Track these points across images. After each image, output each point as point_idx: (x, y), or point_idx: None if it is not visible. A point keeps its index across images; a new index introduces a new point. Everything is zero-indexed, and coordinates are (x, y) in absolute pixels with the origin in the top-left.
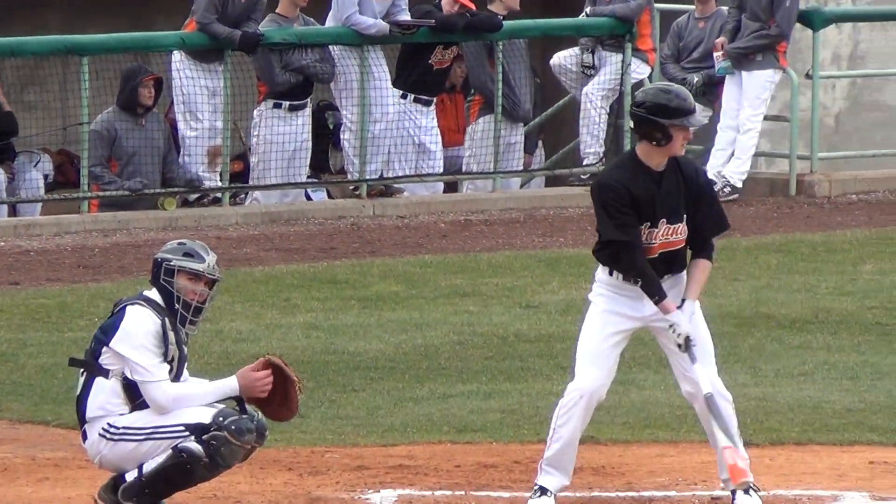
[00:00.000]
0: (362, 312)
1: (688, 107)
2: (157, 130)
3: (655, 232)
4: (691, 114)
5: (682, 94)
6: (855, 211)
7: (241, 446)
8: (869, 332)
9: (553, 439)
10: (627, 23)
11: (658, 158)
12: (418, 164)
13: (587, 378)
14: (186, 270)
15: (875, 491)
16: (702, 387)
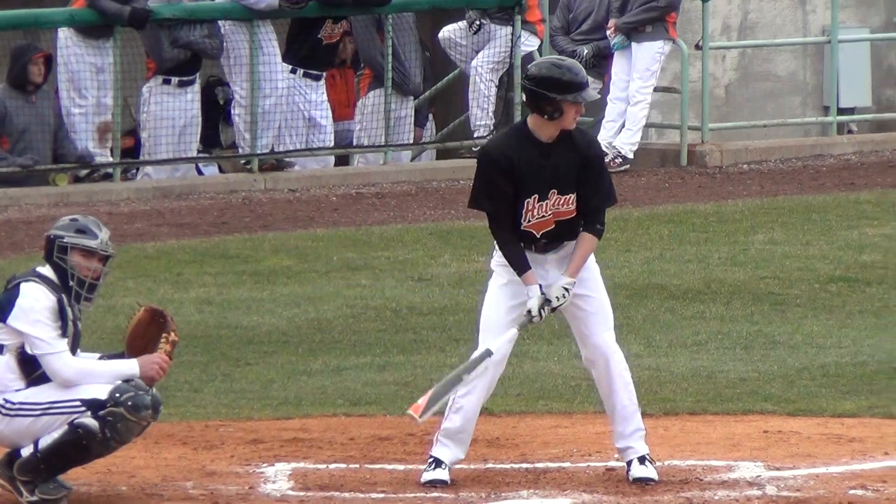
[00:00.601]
0: (255, 287)
1: (580, 81)
2: (47, 107)
3: (547, 203)
4: (583, 89)
5: (575, 69)
6: (746, 181)
7: (137, 422)
8: (761, 301)
9: (452, 409)
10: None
11: (549, 131)
12: (309, 139)
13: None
14: (80, 247)
15: (769, 460)
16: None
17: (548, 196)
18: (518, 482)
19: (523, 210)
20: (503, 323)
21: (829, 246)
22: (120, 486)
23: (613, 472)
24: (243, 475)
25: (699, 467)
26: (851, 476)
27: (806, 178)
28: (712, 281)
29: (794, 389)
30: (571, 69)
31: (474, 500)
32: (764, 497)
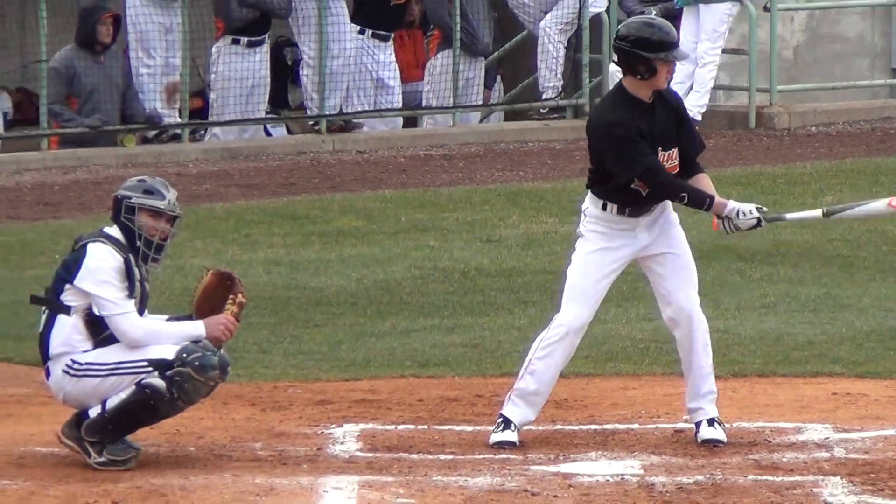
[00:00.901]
0: (323, 248)
1: (671, 40)
2: (116, 68)
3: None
4: (675, 47)
5: (666, 28)
6: (814, 143)
7: (204, 382)
8: (830, 264)
9: (528, 370)
10: None
11: (645, 91)
12: (377, 100)
13: (574, 313)
14: (147, 208)
15: (838, 423)
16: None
17: (656, 153)
18: (586, 444)
19: None
20: (591, 289)
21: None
22: (188, 447)
23: (682, 434)
24: (311, 436)
25: (767, 429)
26: None
27: (874, 141)
28: (781, 243)
29: (863, 352)
30: (662, 28)
31: (543, 461)
32: (832, 459)
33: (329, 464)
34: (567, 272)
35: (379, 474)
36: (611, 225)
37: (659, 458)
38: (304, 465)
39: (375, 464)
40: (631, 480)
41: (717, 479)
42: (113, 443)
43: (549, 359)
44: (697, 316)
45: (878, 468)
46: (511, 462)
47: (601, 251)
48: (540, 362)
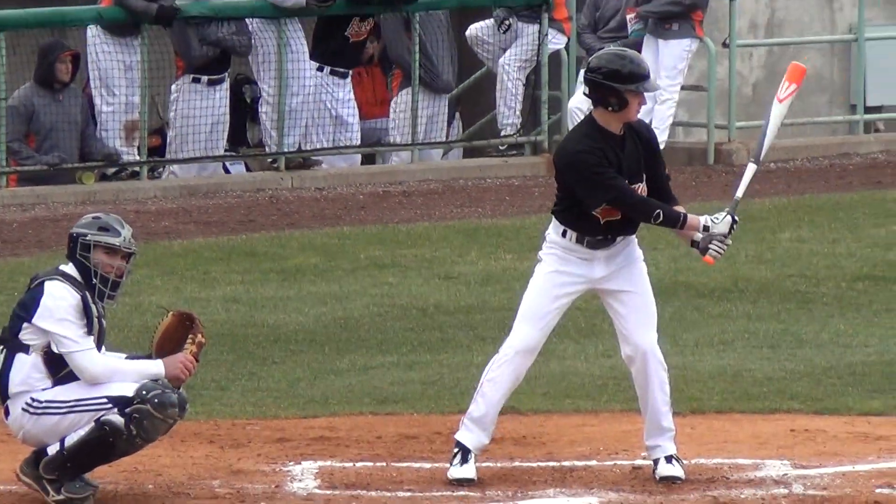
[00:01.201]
0: (282, 285)
1: (642, 72)
2: (74, 105)
3: None
4: (646, 79)
5: (637, 60)
6: (773, 179)
7: (163, 420)
8: (788, 300)
9: (479, 394)
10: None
11: (615, 123)
12: (336, 137)
13: (523, 336)
14: (102, 245)
15: (796, 459)
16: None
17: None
18: (544, 481)
19: None
20: (542, 311)
21: (856, 244)
22: (146, 485)
23: (640, 471)
24: (270, 474)
25: (726, 466)
26: (878, 474)
27: (833, 177)
28: (739, 279)
29: (821, 388)
30: (634, 60)
31: (501, 498)
32: (790, 496)
33: (287, 501)
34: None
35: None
36: (568, 252)
37: (617, 496)
38: (262, 502)
39: (333, 501)
40: None
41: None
42: (71, 480)
43: (497, 380)
44: (654, 355)
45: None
46: (469, 499)
47: (556, 274)
48: (489, 384)
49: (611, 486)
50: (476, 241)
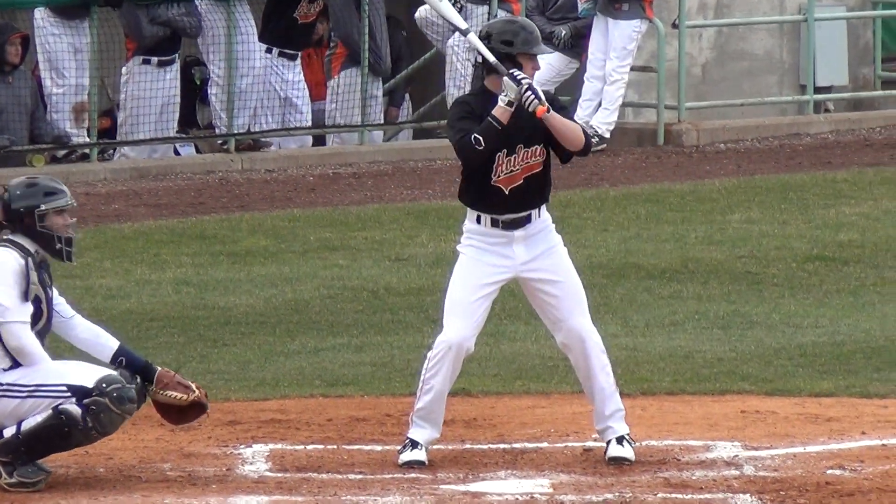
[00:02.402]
0: (232, 267)
1: (535, 37)
2: (24, 88)
3: (515, 158)
4: (537, 43)
5: (529, 26)
6: (723, 160)
7: (119, 414)
8: (739, 281)
9: (423, 391)
10: None
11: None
12: (285, 118)
13: (454, 329)
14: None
15: (746, 440)
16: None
17: (515, 151)
18: (496, 463)
19: (494, 165)
20: (468, 303)
21: (806, 225)
22: (98, 468)
23: (591, 453)
24: (221, 457)
25: (676, 447)
26: (829, 455)
27: (783, 157)
28: (689, 260)
29: (772, 369)
30: (525, 26)
31: (452, 480)
32: (741, 477)
33: (238, 484)
34: (447, 290)
35: (288, 494)
36: (486, 239)
37: (568, 477)
38: (213, 485)
39: (285, 484)
40: (541, 499)
41: (627, 498)
42: (24, 465)
43: (437, 376)
44: (591, 338)
45: (788, 486)
46: (420, 482)
47: (477, 265)
48: (431, 381)
49: (562, 468)
50: (426, 223)
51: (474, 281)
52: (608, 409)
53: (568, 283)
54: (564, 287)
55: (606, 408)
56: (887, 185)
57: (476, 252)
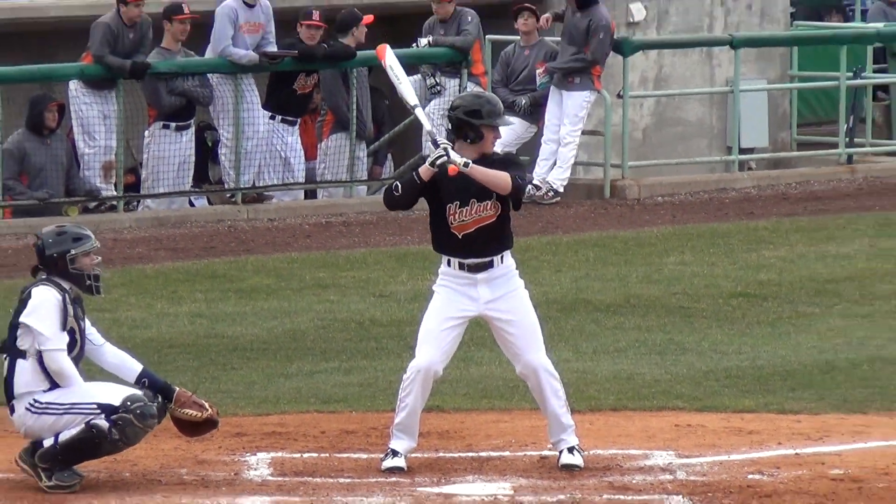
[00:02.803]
0: (239, 302)
1: (497, 111)
2: (60, 149)
3: (467, 209)
4: (499, 116)
5: (493, 101)
6: (660, 211)
7: (142, 428)
8: (673, 314)
9: (400, 408)
10: (464, 52)
11: (470, 154)
12: (284, 175)
13: (423, 356)
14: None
15: (680, 450)
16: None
17: (468, 203)
18: (465, 469)
19: (447, 214)
20: (437, 333)
21: (731, 266)
22: (124, 473)
23: (546, 460)
24: (229, 463)
25: (619, 455)
26: (750, 463)
27: (711, 209)
28: (631, 296)
29: (701, 389)
30: (490, 101)
31: (427, 483)
32: (675, 481)
33: (244, 486)
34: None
35: (287, 495)
36: (455, 280)
37: (527, 481)
38: (223, 487)
39: (284, 486)
40: (503, 500)
41: (577, 499)
42: (61, 470)
43: (410, 396)
44: (544, 369)
45: (714, 488)
46: (400, 485)
47: (447, 301)
48: (406, 399)
49: (521, 473)
50: (405, 265)
51: (444, 315)
52: (561, 424)
53: (525, 323)
54: (521, 326)
55: (559, 423)
56: (801, 233)
57: (447, 291)
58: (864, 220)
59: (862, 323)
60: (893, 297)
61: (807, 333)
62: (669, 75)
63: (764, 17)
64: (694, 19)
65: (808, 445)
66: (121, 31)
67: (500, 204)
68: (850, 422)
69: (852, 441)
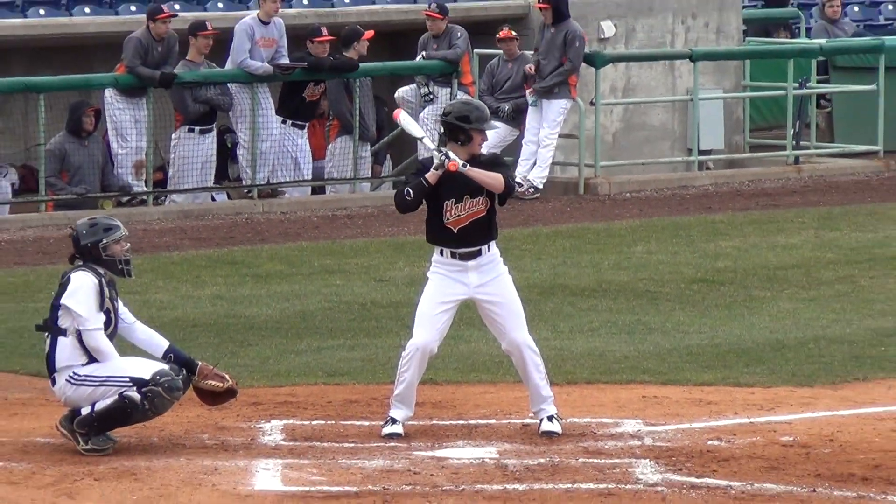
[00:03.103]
0: (255, 286)
1: (484, 116)
2: (97, 149)
3: (461, 205)
4: (486, 121)
5: (480, 107)
6: (629, 205)
7: (170, 400)
8: (641, 297)
9: (398, 381)
10: (454, 64)
11: (462, 155)
12: (295, 173)
13: (420, 336)
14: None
15: (647, 418)
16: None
17: (462, 200)
18: (455, 435)
19: (443, 210)
20: (432, 315)
21: (692, 255)
22: (152, 438)
23: (528, 427)
24: (246, 429)
25: (593, 423)
26: (710, 430)
27: (674, 204)
28: (603, 281)
29: (666, 364)
30: (478, 107)
31: (422, 448)
32: (643, 446)
33: (259, 450)
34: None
35: (298, 458)
36: (447, 267)
37: (511, 446)
38: (240, 451)
39: (295, 450)
40: (490, 462)
41: (556, 462)
42: (97, 435)
43: (408, 371)
44: (527, 346)
45: (678, 453)
46: (398, 449)
47: (440, 287)
48: (404, 374)
49: (506, 439)
50: (403, 253)
51: (437, 299)
52: (541, 395)
53: (510, 305)
54: (506, 307)
55: (539, 395)
56: (754, 225)
57: (440, 277)
58: (810, 213)
59: (808, 306)
60: (836, 282)
61: (759, 315)
62: (636, 85)
63: (720, 34)
64: (658, 35)
65: (761, 415)
66: (150, 45)
67: (489, 200)
68: (798, 394)
69: (801, 411)
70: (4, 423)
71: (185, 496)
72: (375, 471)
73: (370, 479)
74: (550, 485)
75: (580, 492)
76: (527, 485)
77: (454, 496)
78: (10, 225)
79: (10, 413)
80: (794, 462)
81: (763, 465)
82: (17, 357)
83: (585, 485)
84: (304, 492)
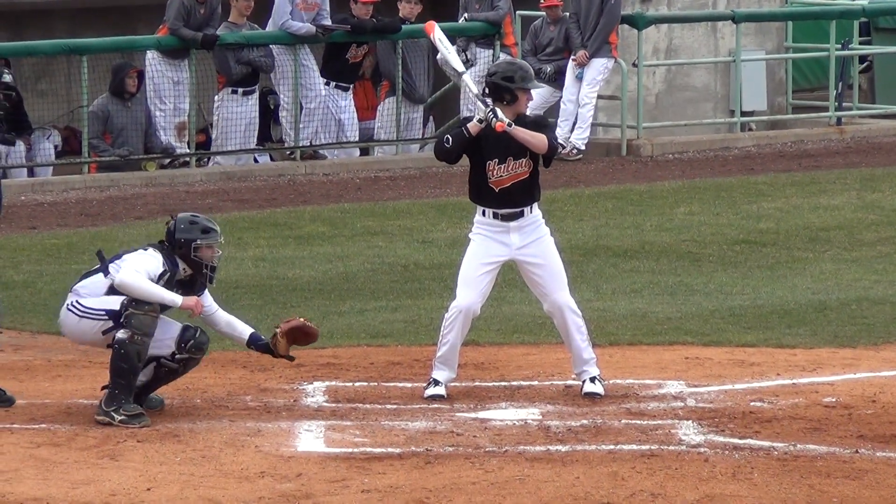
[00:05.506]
0: (297, 247)
1: (529, 76)
2: (140, 111)
3: (504, 166)
4: (531, 80)
5: (525, 67)
6: (671, 167)
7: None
8: (683, 259)
9: (441, 343)
10: (496, 26)
11: (509, 115)
12: (339, 135)
13: (463, 297)
14: (208, 244)
15: (689, 380)
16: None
17: (505, 161)
18: (498, 396)
19: (486, 170)
20: (474, 276)
21: (734, 216)
22: (195, 399)
23: (571, 389)
24: (289, 391)
25: (636, 385)
26: (752, 392)
27: (717, 165)
28: (645, 243)
29: (708, 326)
30: (522, 67)
31: (465, 409)
32: (685, 407)
33: (302, 412)
34: (460, 266)
35: (340, 420)
36: (489, 228)
37: (553, 407)
38: (283, 412)
39: (338, 412)
40: (532, 424)
41: (598, 423)
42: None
43: (451, 332)
44: (569, 308)
45: (720, 414)
46: (440, 411)
47: (483, 248)
48: (447, 336)
49: (548, 401)
50: (445, 214)
51: (480, 260)
52: (583, 357)
53: (551, 266)
54: (548, 269)
55: (581, 357)
56: (796, 187)
57: (482, 238)
58: (852, 175)
59: (850, 267)
60: (878, 243)
61: (801, 276)
62: (679, 46)
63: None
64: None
65: (803, 376)
66: (193, 6)
67: (532, 161)
68: (840, 355)
69: (843, 372)
70: (48, 385)
71: (227, 457)
72: (418, 432)
73: (413, 441)
74: (593, 446)
75: (623, 453)
76: (569, 446)
77: (497, 457)
78: (53, 187)
79: (53, 375)
80: (836, 423)
81: (805, 427)
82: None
83: (628, 446)
84: (347, 453)
